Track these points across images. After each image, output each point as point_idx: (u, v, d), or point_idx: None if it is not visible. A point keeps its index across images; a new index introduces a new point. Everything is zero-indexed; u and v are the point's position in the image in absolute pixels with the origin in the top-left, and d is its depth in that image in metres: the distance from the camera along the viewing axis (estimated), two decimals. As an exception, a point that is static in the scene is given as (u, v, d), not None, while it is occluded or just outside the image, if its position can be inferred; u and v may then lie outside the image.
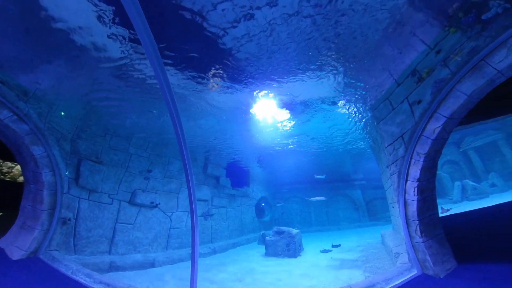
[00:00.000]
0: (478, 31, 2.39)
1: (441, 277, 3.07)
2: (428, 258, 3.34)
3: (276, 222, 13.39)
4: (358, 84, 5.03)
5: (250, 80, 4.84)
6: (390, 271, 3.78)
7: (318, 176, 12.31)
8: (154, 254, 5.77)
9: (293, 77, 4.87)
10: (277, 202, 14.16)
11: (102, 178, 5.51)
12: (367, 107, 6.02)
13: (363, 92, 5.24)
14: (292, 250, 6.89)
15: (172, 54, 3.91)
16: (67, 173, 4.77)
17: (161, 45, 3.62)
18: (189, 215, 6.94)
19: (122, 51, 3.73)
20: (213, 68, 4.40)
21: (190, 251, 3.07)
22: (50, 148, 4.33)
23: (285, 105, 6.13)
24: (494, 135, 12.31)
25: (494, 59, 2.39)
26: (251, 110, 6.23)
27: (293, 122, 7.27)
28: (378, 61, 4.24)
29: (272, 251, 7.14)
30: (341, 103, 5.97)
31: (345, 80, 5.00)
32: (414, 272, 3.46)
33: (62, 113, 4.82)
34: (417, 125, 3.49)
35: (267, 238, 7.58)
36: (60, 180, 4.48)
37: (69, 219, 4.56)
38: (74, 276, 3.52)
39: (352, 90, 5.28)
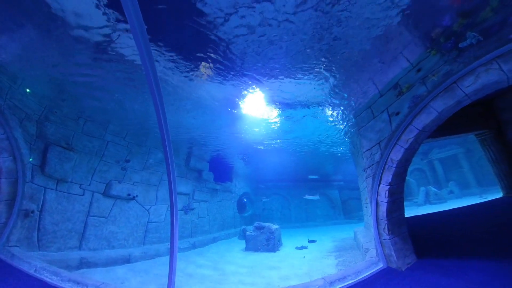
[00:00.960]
0: (454, 56, 2.71)
1: (403, 270, 3.48)
2: (393, 253, 3.73)
3: (257, 217, 13.67)
4: (346, 90, 5.28)
5: (243, 74, 4.76)
6: (360, 265, 4.13)
7: (311, 176, 13.03)
8: (130, 249, 5.49)
9: (286, 77, 4.92)
10: (263, 197, 14.50)
11: (73, 166, 5.00)
12: (351, 114, 6.40)
13: (351, 97, 5.51)
14: (271, 245, 7.14)
15: (162, 37, 3.66)
16: (31, 159, 4.22)
17: (149, 27, 3.35)
18: (169, 209, 6.75)
19: (107, 28, 3.37)
20: (205, 57, 4.21)
21: (169, 246, 2.98)
22: (11, 130, 3.78)
23: (274, 103, 6.18)
24: (456, 149, 14.26)
25: (464, 84, 2.73)
26: (240, 105, 6.16)
27: (281, 121, 7.39)
28: (366, 72, 4.50)
29: (252, 246, 7.31)
30: (328, 107, 6.23)
31: (334, 86, 5.22)
32: (380, 266, 3.85)
33: (28, 90, 4.21)
34: (393, 134, 3.79)
35: (248, 233, 7.73)
36: (22, 167, 3.95)
37: (32, 212, 4.06)
38: (38, 275, 3.19)
39: (340, 96, 5.54)
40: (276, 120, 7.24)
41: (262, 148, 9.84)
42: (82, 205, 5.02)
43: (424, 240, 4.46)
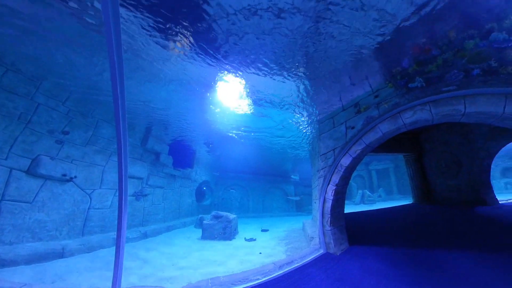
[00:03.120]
0: (403, 93, 3.41)
1: (338, 254, 4.31)
2: (332, 241, 4.51)
3: (215, 207, 13.68)
4: (318, 98, 5.78)
5: (224, 58, 4.50)
6: (305, 251, 4.82)
7: (293, 177, 14.20)
8: (64, 242, 4.63)
9: (266, 72, 4.92)
10: (230, 188, 14.62)
11: (-21, 132, 3.72)
12: (315, 120, 7.09)
13: (320, 106, 6.04)
14: (227, 233, 7.38)
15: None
16: None
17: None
18: (117, 194, 6.01)
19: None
20: (185, 29, 3.71)
21: (115, 236, 2.67)
22: None
23: (247, 95, 6.18)
24: (388, 164, 18.39)
25: (405, 116, 3.50)
26: (215, 90, 5.86)
27: (251, 114, 7.46)
28: (336, 86, 5.05)
29: (208, 235, 7.37)
30: (300, 111, 6.69)
31: (307, 92, 5.64)
32: (321, 251, 4.61)
33: None
34: (346, 144, 4.45)
35: (205, 222, 7.71)
36: None
37: None
38: None
39: (312, 102, 6.03)
40: (247, 111, 7.25)
41: (228, 137, 9.70)
42: (-8, 185, 3.84)
43: (356, 231, 5.60)
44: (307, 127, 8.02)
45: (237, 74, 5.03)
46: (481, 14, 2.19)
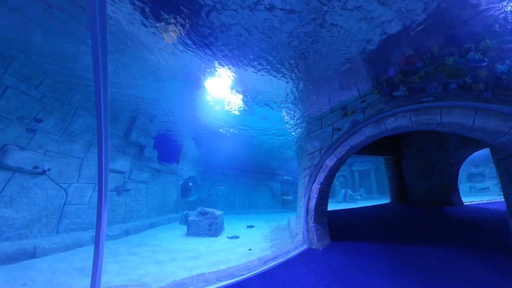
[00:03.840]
0: (388, 100, 3.61)
1: (320, 249, 4.51)
2: (315, 237, 4.70)
3: (202, 203, 13.51)
4: (309, 99, 5.88)
5: (217, 51, 4.36)
6: (289, 246, 4.98)
7: (286, 177, 14.45)
8: (36, 240, 4.29)
9: (259, 69, 4.85)
10: (220, 184, 14.49)
11: None
12: (304, 120, 7.23)
13: (310, 107, 6.16)
14: (213, 229, 7.37)
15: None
16: None
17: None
18: (96, 189, 5.71)
19: None
20: (180, 17, 3.52)
21: (94, 234, 2.54)
22: None
23: (240, 91, 6.11)
24: (370, 165, 19.62)
25: (388, 121, 3.71)
26: (204, 83, 5.70)
27: (242, 110, 7.39)
28: (326, 89, 5.17)
29: (193, 231, 7.29)
30: (292, 111, 6.77)
31: (298, 92, 5.72)
32: (305, 247, 4.80)
33: None
34: (332, 145, 4.64)
35: (190, 218, 7.61)
36: None
37: None
38: None
39: (304, 102, 6.12)
40: (238, 107, 7.16)
41: (217, 132, 9.55)
42: (-52, 177, 3.41)
43: (338, 227, 5.89)
44: (295, 127, 8.17)
45: (231, 70, 4.93)
46: (462, 34, 2.38)
